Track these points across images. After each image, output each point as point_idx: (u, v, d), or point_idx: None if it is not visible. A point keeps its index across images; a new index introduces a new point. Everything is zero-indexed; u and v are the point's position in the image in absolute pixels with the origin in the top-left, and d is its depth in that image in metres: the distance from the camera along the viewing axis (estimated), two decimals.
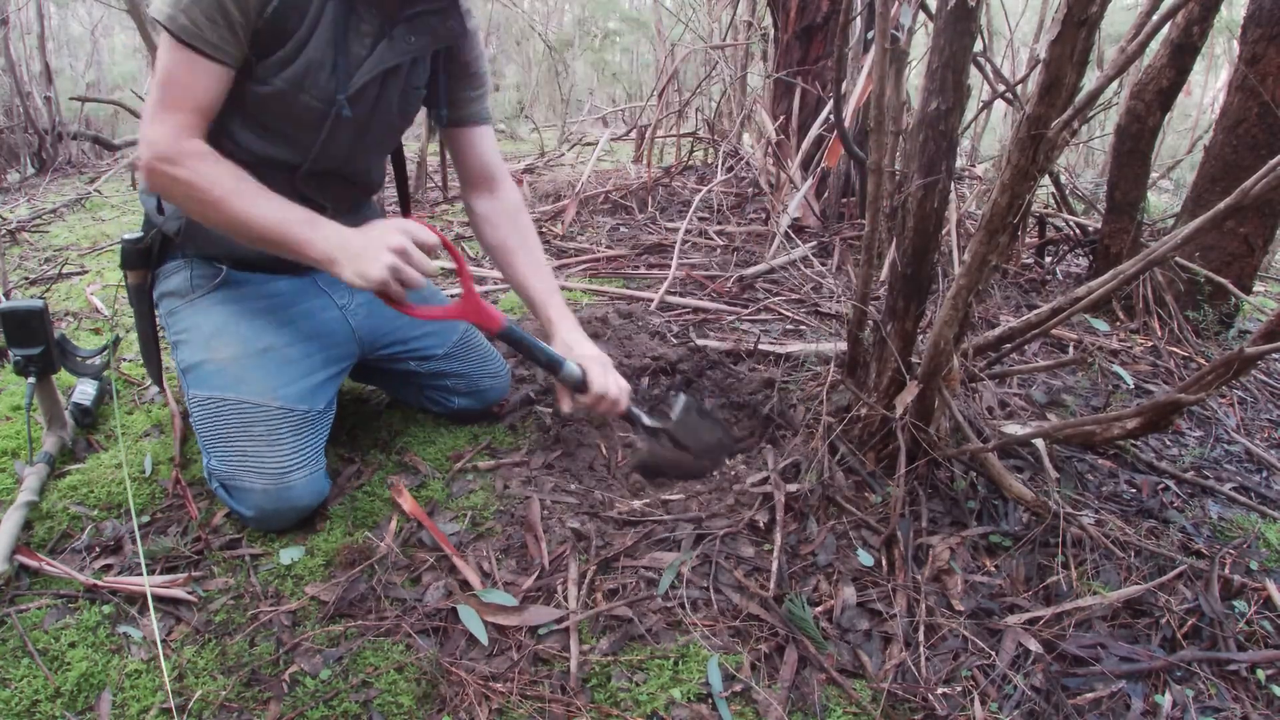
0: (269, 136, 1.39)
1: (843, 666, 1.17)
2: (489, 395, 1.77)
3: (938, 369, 1.42)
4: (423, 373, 1.71)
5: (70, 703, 1.07)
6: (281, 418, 1.38)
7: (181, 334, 1.46)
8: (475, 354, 1.75)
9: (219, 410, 1.37)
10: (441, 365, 1.71)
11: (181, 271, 1.49)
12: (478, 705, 1.07)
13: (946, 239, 2.56)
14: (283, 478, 1.34)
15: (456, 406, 1.76)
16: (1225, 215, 1.19)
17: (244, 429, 1.36)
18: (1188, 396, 1.26)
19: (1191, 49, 2.44)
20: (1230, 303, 2.62)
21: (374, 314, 1.63)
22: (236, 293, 1.49)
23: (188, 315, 1.46)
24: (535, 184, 4.31)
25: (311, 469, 1.39)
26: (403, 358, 1.69)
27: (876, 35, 1.41)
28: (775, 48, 3.83)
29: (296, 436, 1.38)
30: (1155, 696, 1.16)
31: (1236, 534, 1.56)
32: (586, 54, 9.38)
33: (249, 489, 1.34)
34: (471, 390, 1.74)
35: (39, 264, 3.00)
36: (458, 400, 1.75)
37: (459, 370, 1.72)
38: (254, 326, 1.45)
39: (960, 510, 1.48)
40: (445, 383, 1.72)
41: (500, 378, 1.79)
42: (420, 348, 1.69)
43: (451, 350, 1.71)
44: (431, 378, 1.71)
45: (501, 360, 1.82)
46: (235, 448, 1.35)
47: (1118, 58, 1.21)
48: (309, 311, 1.54)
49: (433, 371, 1.71)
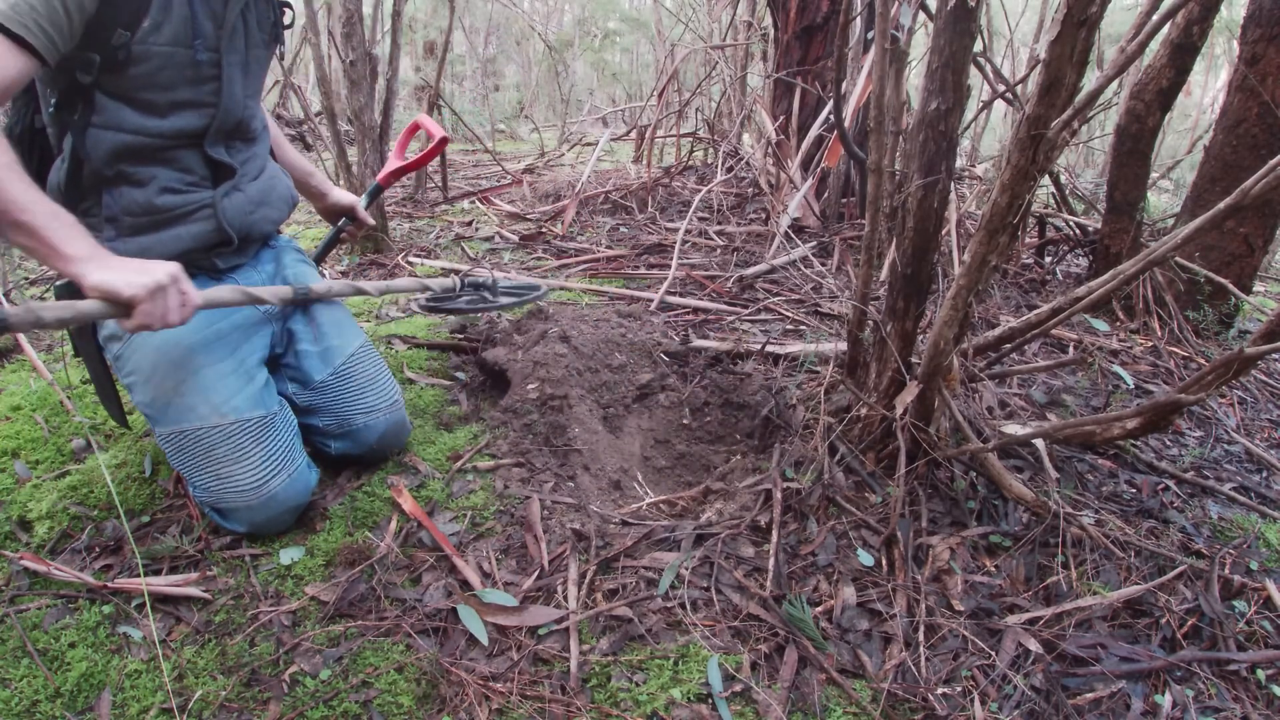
0: (169, 110, 1.35)
1: (843, 666, 1.17)
2: (364, 436, 1.55)
3: (938, 369, 1.42)
4: (297, 405, 1.55)
5: (70, 703, 1.07)
6: (240, 431, 1.36)
7: (129, 377, 1.42)
8: (351, 385, 1.55)
9: (182, 443, 1.37)
10: (312, 398, 1.55)
11: None
12: (478, 705, 1.07)
13: (946, 239, 2.56)
14: (260, 489, 1.34)
15: (334, 451, 1.58)
16: (1225, 215, 1.19)
17: (208, 453, 1.35)
18: (1188, 396, 1.26)
19: (1191, 49, 2.44)
20: (1230, 303, 2.62)
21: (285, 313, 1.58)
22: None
23: (128, 356, 1.42)
24: (535, 184, 4.31)
25: (289, 471, 1.38)
26: (284, 374, 1.58)
27: (876, 35, 1.41)
28: (775, 48, 3.83)
29: (260, 445, 1.37)
30: (1155, 696, 1.16)
31: (1236, 534, 1.56)
32: (586, 54, 9.39)
33: (234, 507, 1.35)
34: (344, 431, 1.55)
35: (38, 264, 3.00)
36: (334, 444, 1.57)
37: (326, 405, 1.55)
38: (183, 350, 1.40)
39: (960, 510, 1.48)
40: (316, 422, 1.56)
41: (379, 413, 1.56)
42: (298, 365, 1.56)
43: (328, 379, 1.55)
44: (304, 414, 1.55)
45: (390, 391, 1.59)
46: (209, 473, 1.35)
47: (1118, 58, 1.21)
48: (227, 312, 1.47)
49: (305, 405, 1.55)
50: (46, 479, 1.53)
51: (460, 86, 9.45)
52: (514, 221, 3.66)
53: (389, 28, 3.49)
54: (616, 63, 10.13)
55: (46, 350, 2.16)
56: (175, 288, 1.20)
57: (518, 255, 3.16)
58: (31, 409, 1.77)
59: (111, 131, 1.32)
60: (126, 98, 1.31)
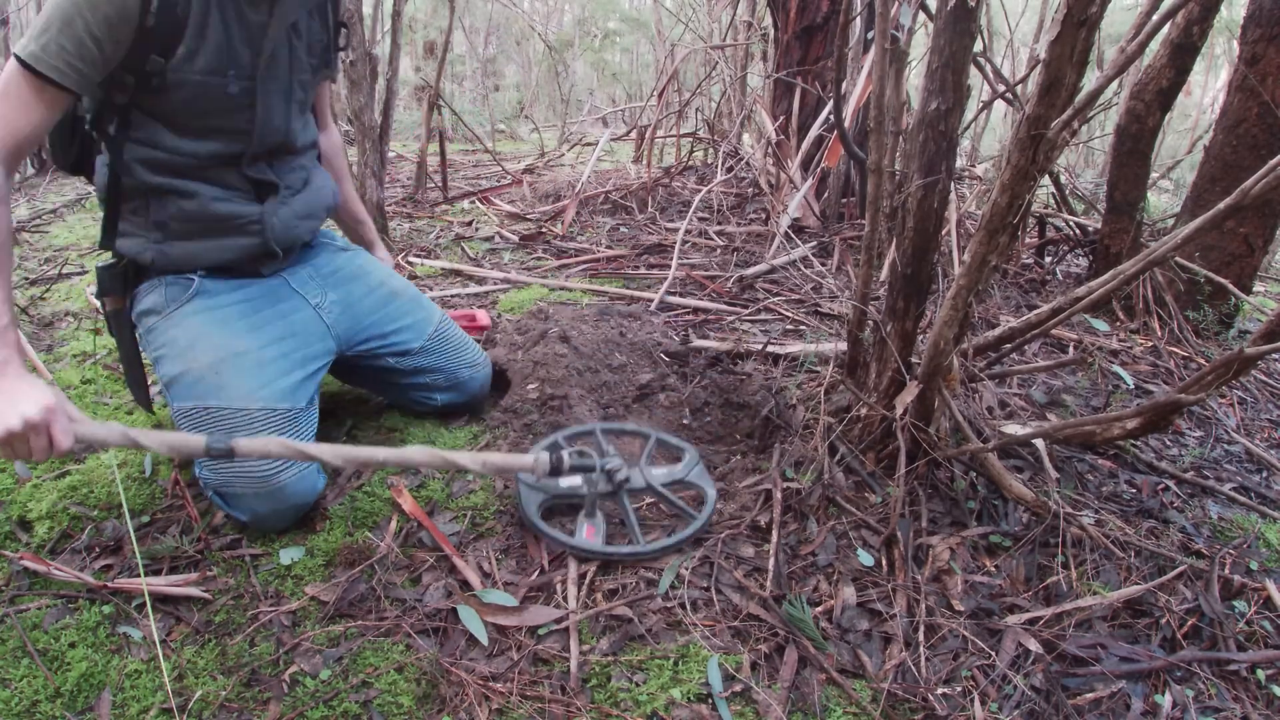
0: (204, 134, 1.36)
1: (843, 666, 1.17)
2: (469, 386, 1.76)
3: (938, 369, 1.42)
4: (402, 369, 1.70)
5: (70, 703, 1.07)
6: (264, 419, 1.37)
7: (160, 349, 1.44)
8: (449, 345, 1.74)
9: (202, 420, 1.36)
10: (418, 360, 1.70)
11: (157, 290, 1.47)
12: (478, 705, 1.07)
13: (946, 239, 2.56)
14: (270, 480, 1.34)
15: (440, 403, 1.76)
16: (1225, 215, 1.19)
17: (227, 435, 1.35)
18: (1188, 396, 1.26)
19: (1191, 49, 2.44)
20: (1230, 303, 2.62)
21: (349, 310, 1.63)
22: (210, 301, 1.47)
23: (164, 330, 1.44)
24: (535, 184, 4.31)
25: (300, 466, 1.38)
26: (381, 354, 1.68)
27: (876, 35, 1.41)
28: (775, 48, 3.83)
29: (281, 436, 1.38)
30: (1155, 696, 1.16)
31: (1236, 534, 1.56)
32: (586, 54, 9.39)
33: (240, 494, 1.34)
34: (451, 384, 1.74)
35: (39, 264, 3.00)
36: (440, 396, 1.75)
37: (435, 364, 1.72)
38: (228, 332, 1.43)
39: (960, 510, 1.48)
40: (424, 379, 1.72)
41: (479, 367, 1.78)
42: (397, 342, 1.69)
43: (427, 344, 1.71)
44: (411, 374, 1.71)
45: (479, 350, 1.81)
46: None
47: (1118, 58, 1.21)
48: (282, 312, 1.54)
49: (411, 368, 1.71)
50: (46, 479, 1.54)
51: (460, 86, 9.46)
52: (514, 221, 3.66)
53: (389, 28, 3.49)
54: (616, 63, 10.13)
55: (46, 350, 2.16)
56: (41, 433, 1.08)
57: (518, 255, 3.16)
58: None
59: (147, 148, 1.35)
60: (162, 118, 1.34)
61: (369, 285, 1.70)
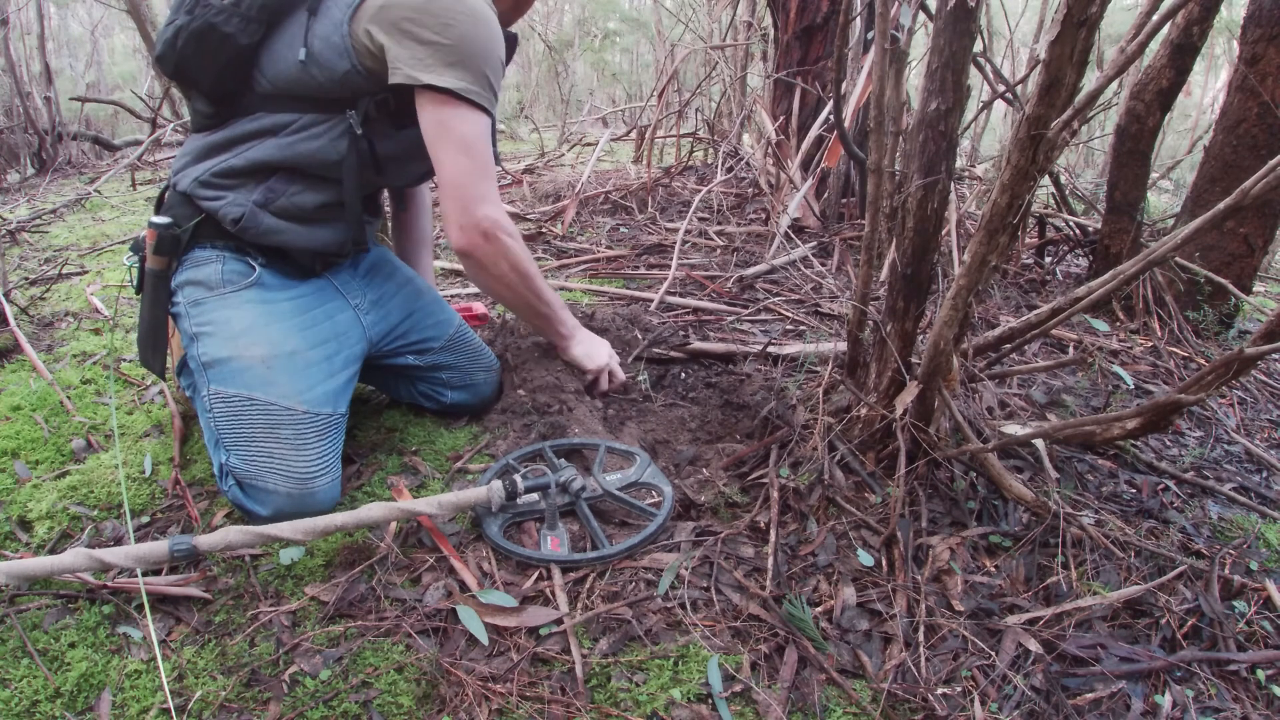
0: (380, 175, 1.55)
1: (843, 667, 1.17)
2: (482, 389, 1.80)
3: (938, 369, 1.42)
4: (420, 365, 1.73)
5: (70, 703, 1.07)
6: (308, 422, 1.38)
7: (206, 326, 1.43)
8: (469, 347, 1.79)
9: (246, 409, 1.36)
10: (438, 358, 1.74)
11: (214, 263, 1.47)
12: (477, 706, 1.07)
13: (946, 239, 2.56)
14: (308, 483, 1.35)
15: (449, 401, 1.77)
16: (1225, 215, 1.19)
17: (271, 431, 1.36)
18: (1188, 397, 1.26)
19: (1191, 49, 2.44)
20: (1230, 303, 2.62)
21: (382, 310, 1.68)
22: (265, 293, 1.49)
23: (216, 308, 1.44)
24: (535, 184, 4.31)
25: (333, 475, 1.40)
26: (402, 352, 1.71)
27: (876, 35, 1.41)
28: (775, 48, 3.83)
29: (321, 441, 1.39)
30: (1155, 697, 1.16)
31: (1236, 534, 1.56)
32: (586, 54, 9.39)
33: (272, 490, 1.34)
34: (465, 384, 1.77)
35: (39, 264, 3.00)
36: (451, 394, 1.77)
37: (454, 363, 1.75)
38: (282, 329, 1.45)
39: (960, 510, 1.48)
40: (440, 375, 1.75)
41: (493, 371, 1.83)
42: (419, 340, 1.72)
43: (448, 343, 1.75)
44: (427, 371, 1.74)
45: (493, 355, 1.86)
46: (260, 448, 1.35)
47: (1118, 58, 1.21)
48: (329, 313, 1.56)
49: (429, 365, 1.73)
50: (46, 479, 1.54)
51: None
52: (514, 221, 3.66)
53: None
54: (616, 63, 10.14)
55: (46, 350, 2.16)
56: (613, 366, 1.82)
57: None
58: (31, 409, 1.77)
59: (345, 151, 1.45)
60: (371, 162, 1.50)
61: (397, 284, 1.75)
